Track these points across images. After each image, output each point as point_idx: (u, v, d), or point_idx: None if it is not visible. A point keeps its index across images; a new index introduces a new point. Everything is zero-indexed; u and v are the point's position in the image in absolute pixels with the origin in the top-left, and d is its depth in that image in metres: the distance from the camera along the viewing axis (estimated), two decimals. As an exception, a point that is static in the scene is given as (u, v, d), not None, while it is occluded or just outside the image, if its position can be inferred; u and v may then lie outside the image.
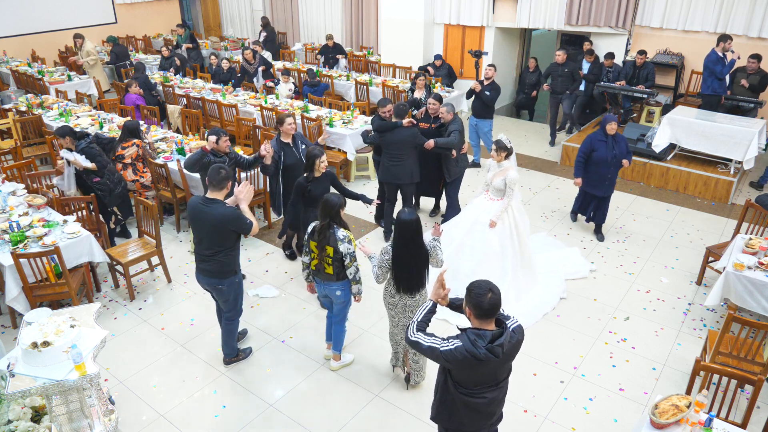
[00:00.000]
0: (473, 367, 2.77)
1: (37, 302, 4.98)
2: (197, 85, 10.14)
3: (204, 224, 4.11)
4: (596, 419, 4.19)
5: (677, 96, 9.49)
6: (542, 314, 5.27)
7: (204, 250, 4.20)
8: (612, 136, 6.01)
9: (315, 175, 5.15)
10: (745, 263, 4.71)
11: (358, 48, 13.10)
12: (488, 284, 2.77)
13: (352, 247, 4.14)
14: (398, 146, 6.01)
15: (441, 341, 2.81)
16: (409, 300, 4.06)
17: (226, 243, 4.17)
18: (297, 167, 5.75)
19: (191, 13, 16.95)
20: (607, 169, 6.08)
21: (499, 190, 5.27)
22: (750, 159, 7.27)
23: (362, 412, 4.27)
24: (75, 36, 10.81)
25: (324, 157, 5.13)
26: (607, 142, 6.01)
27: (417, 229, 3.88)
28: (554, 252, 6.16)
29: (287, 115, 5.82)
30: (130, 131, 6.67)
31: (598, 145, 6.05)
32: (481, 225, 5.31)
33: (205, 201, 4.10)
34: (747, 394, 4.19)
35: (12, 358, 3.36)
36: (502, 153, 5.22)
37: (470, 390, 2.89)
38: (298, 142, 5.92)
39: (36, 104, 9.13)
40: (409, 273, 3.96)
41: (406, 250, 3.91)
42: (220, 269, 4.23)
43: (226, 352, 4.69)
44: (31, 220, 5.39)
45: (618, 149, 6.06)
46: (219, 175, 4.07)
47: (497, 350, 2.71)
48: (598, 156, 6.04)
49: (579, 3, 9.45)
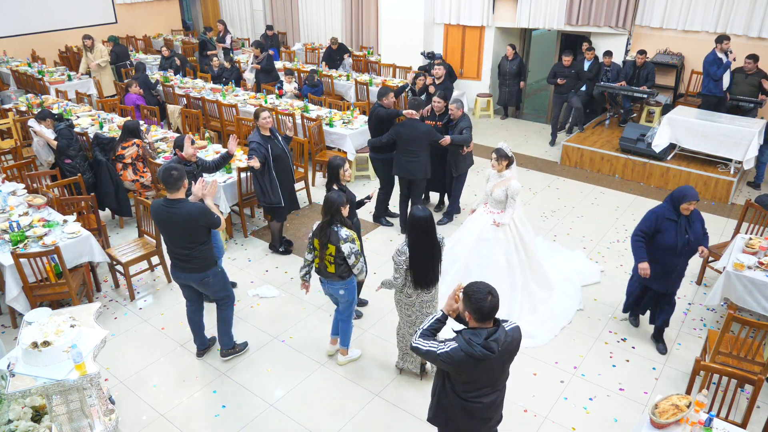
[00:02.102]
0: (471, 368, 2.78)
1: (37, 302, 4.98)
2: (197, 85, 10.14)
3: (173, 225, 4.14)
4: (596, 419, 4.19)
5: (677, 96, 9.49)
6: (560, 328, 5.11)
7: (179, 249, 4.22)
8: (686, 216, 4.46)
9: (342, 184, 4.84)
10: (745, 263, 4.71)
11: (358, 48, 13.10)
12: (486, 287, 2.79)
13: (356, 245, 4.13)
14: (415, 142, 6.08)
15: (438, 344, 2.84)
16: (425, 296, 4.11)
17: (200, 238, 4.21)
18: (284, 157, 5.89)
19: (191, 13, 16.95)
20: (676, 259, 4.52)
21: (500, 202, 4.99)
22: (750, 159, 7.27)
23: (362, 412, 4.27)
24: (84, 37, 10.72)
25: (347, 165, 4.87)
26: (678, 223, 4.43)
27: (431, 225, 3.94)
28: (559, 257, 6.04)
29: (262, 109, 5.80)
30: (130, 131, 6.68)
31: (666, 226, 4.45)
32: (486, 241, 5.06)
33: (168, 203, 4.12)
34: (747, 394, 4.19)
35: (12, 358, 3.36)
36: (503, 162, 4.94)
37: (468, 394, 2.90)
38: (276, 134, 5.96)
39: (36, 104, 9.13)
40: (426, 268, 4.02)
41: (421, 247, 3.96)
42: (202, 264, 4.28)
43: (223, 342, 4.69)
44: (31, 220, 5.39)
45: (692, 233, 4.45)
46: (172, 177, 4.07)
47: (492, 345, 2.72)
48: (665, 241, 4.44)
49: (579, 3, 9.45)
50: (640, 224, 4.58)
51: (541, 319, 5.13)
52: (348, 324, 4.60)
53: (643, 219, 4.57)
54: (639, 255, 4.56)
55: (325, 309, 5.38)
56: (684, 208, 4.38)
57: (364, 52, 12.45)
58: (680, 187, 4.47)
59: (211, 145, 7.38)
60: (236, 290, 5.69)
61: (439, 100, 6.57)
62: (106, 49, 11.01)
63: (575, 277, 5.70)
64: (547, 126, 10.22)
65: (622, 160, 8.18)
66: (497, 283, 4.98)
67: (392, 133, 6.20)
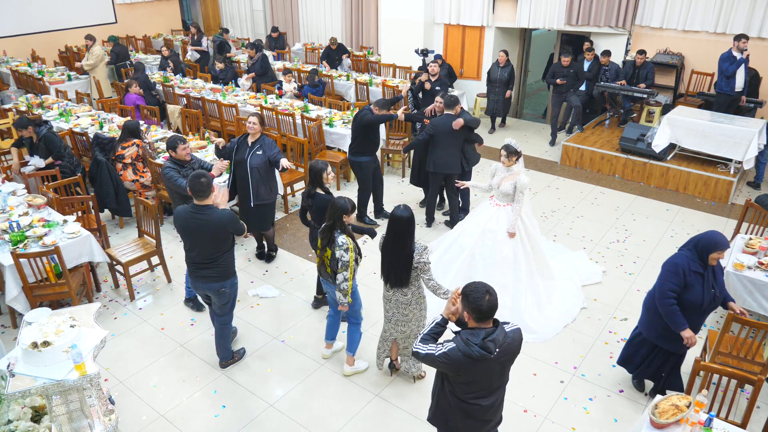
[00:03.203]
0: (469, 368, 2.78)
1: (37, 302, 4.98)
2: (197, 85, 10.14)
3: (202, 232, 4.10)
4: (596, 419, 4.19)
5: (677, 96, 9.49)
6: (563, 325, 5.13)
7: (202, 257, 4.18)
8: (711, 267, 3.86)
9: (326, 186, 4.87)
10: (745, 263, 4.71)
11: (358, 48, 13.10)
12: (484, 286, 2.78)
13: (347, 257, 4.05)
14: (453, 134, 6.18)
15: (436, 347, 2.84)
16: (401, 297, 4.08)
17: (225, 246, 4.20)
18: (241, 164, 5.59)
19: (191, 13, 16.96)
20: (701, 317, 3.95)
21: (507, 195, 5.07)
22: (750, 159, 7.27)
23: (362, 412, 4.27)
24: (86, 37, 10.67)
25: (329, 168, 4.85)
26: (704, 277, 3.81)
27: (406, 227, 3.89)
28: (561, 257, 6.05)
29: (251, 114, 5.62)
30: (130, 131, 6.68)
31: (693, 280, 3.80)
32: (492, 233, 5.13)
33: (196, 209, 4.09)
34: (747, 394, 4.19)
35: (12, 358, 3.36)
36: (513, 157, 5.03)
37: (466, 395, 2.90)
38: (258, 146, 5.58)
39: (36, 104, 9.13)
40: (389, 267, 4.01)
41: (391, 245, 3.95)
42: (223, 272, 4.26)
43: (222, 355, 4.67)
44: (31, 220, 5.39)
45: (717, 286, 3.89)
46: (201, 184, 4.05)
47: (489, 345, 2.71)
48: (691, 298, 3.80)
49: (579, 3, 9.45)
50: (665, 281, 3.84)
51: (545, 316, 5.15)
52: (355, 328, 4.52)
53: (666, 273, 3.84)
54: (678, 321, 3.80)
55: (325, 309, 5.38)
56: (713, 258, 3.77)
57: (364, 52, 12.45)
58: (708, 233, 3.81)
59: (211, 145, 7.38)
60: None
61: (441, 100, 6.58)
62: (101, 51, 10.85)
63: (575, 276, 5.71)
64: (547, 126, 10.22)
65: (622, 160, 8.18)
66: (502, 275, 5.05)
67: (429, 128, 6.27)
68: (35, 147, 6.81)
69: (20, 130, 6.66)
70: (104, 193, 6.59)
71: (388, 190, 7.81)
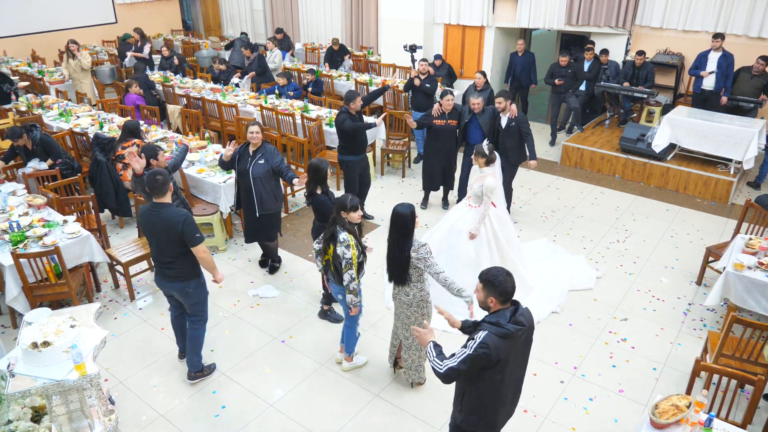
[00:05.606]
0: (506, 350, 2.79)
1: (37, 302, 4.98)
2: (197, 85, 10.14)
3: (157, 229, 4.06)
4: (596, 419, 4.19)
5: (677, 96, 9.49)
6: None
7: (162, 255, 4.14)
8: None
9: (326, 187, 4.92)
10: (745, 263, 4.71)
11: (358, 48, 13.10)
12: (502, 269, 2.92)
13: (349, 253, 4.03)
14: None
15: (459, 350, 2.82)
16: (404, 297, 4.08)
17: (182, 247, 4.07)
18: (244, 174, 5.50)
19: (191, 13, 16.96)
20: None
21: (477, 197, 5.13)
22: (750, 159, 7.27)
23: (362, 412, 4.27)
24: (70, 41, 9.90)
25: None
26: None
27: (404, 224, 3.88)
28: (559, 260, 6.02)
29: (252, 123, 5.50)
30: (130, 131, 6.67)
31: None
32: (458, 232, 5.17)
33: (153, 207, 4.07)
34: (747, 394, 4.19)
35: (12, 358, 3.36)
36: (480, 159, 5.14)
37: (497, 384, 2.90)
38: (260, 155, 5.46)
39: (36, 104, 9.13)
40: (390, 263, 4.05)
41: (391, 239, 3.99)
42: (184, 272, 4.16)
43: (191, 363, 4.51)
44: (31, 220, 5.39)
45: None
46: (157, 182, 4.03)
47: (521, 319, 2.83)
48: None
49: (579, 3, 9.45)
50: None
51: None
52: (351, 332, 4.52)
53: None
54: None
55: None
56: None
57: (364, 52, 12.45)
58: None
59: (211, 145, 7.38)
60: (236, 290, 5.70)
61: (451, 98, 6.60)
62: (88, 61, 10.17)
63: (567, 280, 5.66)
64: (547, 126, 10.22)
65: (622, 160, 8.18)
66: (463, 272, 5.03)
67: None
68: (32, 153, 6.78)
69: (16, 140, 6.51)
70: (104, 193, 6.59)
71: (389, 190, 7.82)
